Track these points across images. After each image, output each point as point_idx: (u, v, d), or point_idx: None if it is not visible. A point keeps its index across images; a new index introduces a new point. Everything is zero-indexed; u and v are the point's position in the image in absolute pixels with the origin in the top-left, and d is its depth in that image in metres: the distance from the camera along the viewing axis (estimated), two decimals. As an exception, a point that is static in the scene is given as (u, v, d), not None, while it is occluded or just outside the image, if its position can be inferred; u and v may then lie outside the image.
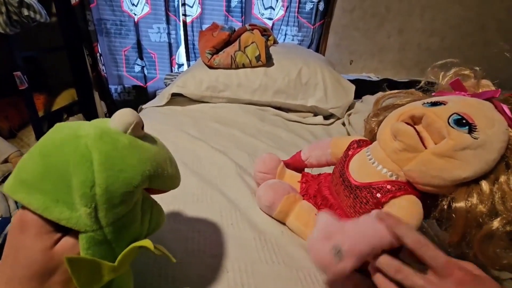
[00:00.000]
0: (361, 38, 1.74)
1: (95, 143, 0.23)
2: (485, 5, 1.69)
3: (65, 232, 0.23)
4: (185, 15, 1.56)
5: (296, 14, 1.63)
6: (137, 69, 1.70)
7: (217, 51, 1.06)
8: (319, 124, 1.02)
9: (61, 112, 1.51)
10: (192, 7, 1.56)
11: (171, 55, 1.65)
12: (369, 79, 1.60)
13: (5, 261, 0.22)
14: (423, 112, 0.35)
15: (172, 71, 1.68)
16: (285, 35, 1.68)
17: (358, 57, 1.80)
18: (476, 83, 0.39)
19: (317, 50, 1.72)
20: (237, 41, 1.04)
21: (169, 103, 1.00)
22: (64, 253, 0.22)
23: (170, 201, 0.49)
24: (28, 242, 0.22)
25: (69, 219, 0.21)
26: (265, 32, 1.28)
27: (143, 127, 0.27)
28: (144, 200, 0.28)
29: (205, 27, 1.55)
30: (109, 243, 0.24)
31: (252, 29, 1.11)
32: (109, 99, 1.70)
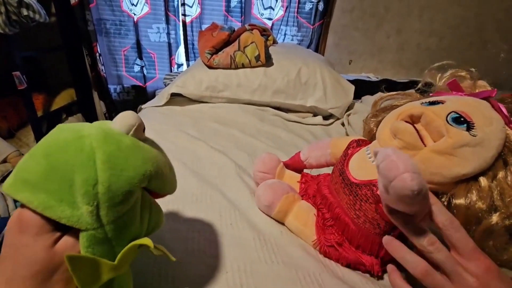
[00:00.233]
0: (360, 38, 1.75)
1: (99, 143, 0.23)
2: (484, 5, 1.70)
3: (64, 231, 0.23)
4: (184, 15, 1.56)
5: (295, 14, 1.63)
6: (137, 69, 1.70)
7: (216, 51, 1.06)
8: (319, 124, 1.02)
9: (60, 112, 1.51)
10: (191, 7, 1.56)
11: (171, 55, 1.65)
12: (368, 79, 1.60)
13: (4, 261, 0.22)
14: (422, 111, 0.35)
15: (171, 71, 1.68)
16: (285, 35, 1.68)
17: (357, 57, 1.81)
18: (472, 84, 0.40)
19: (317, 50, 1.72)
20: (237, 41, 1.04)
21: (168, 103, 1.00)
22: (64, 252, 0.22)
23: (169, 201, 0.49)
24: (28, 241, 0.22)
25: (70, 217, 0.22)
26: (265, 32, 1.28)
27: (144, 130, 0.28)
28: (143, 199, 0.28)
29: (204, 27, 1.55)
30: (109, 242, 0.24)
31: (251, 29, 1.11)
32: (108, 99, 1.70)
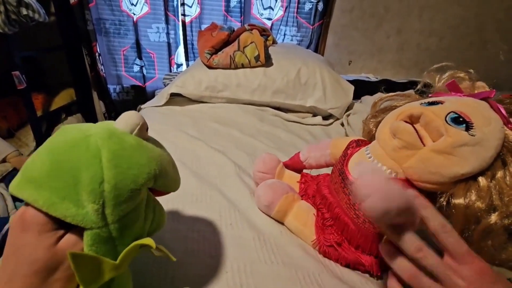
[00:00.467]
0: (360, 38, 1.75)
1: (105, 142, 0.24)
2: (484, 5, 1.70)
3: (67, 229, 0.23)
4: (184, 15, 1.56)
5: (295, 14, 1.63)
6: (136, 69, 1.69)
7: (216, 51, 1.06)
8: (318, 124, 1.02)
9: (59, 112, 1.51)
10: (191, 7, 1.56)
11: (170, 55, 1.65)
12: (368, 79, 1.60)
13: (6, 259, 0.22)
14: (421, 111, 0.35)
15: (171, 71, 1.68)
16: (284, 35, 1.68)
17: (357, 57, 1.81)
18: (471, 85, 0.40)
19: (316, 50, 1.72)
20: (236, 41, 1.04)
21: (168, 103, 1.00)
22: (67, 250, 0.22)
23: (169, 201, 0.49)
24: (31, 239, 0.22)
25: (75, 215, 0.22)
26: (264, 32, 1.28)
27: (147, 129, 0.28)
28: (148, 199, 0.28)
29: (204, 27, 1.55)
30: (113, 241, 0.24)
31: (251, 29, 1.11)
32: (107, 99, 1.70)
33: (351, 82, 1.14)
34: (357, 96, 1.11)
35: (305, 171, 0.58)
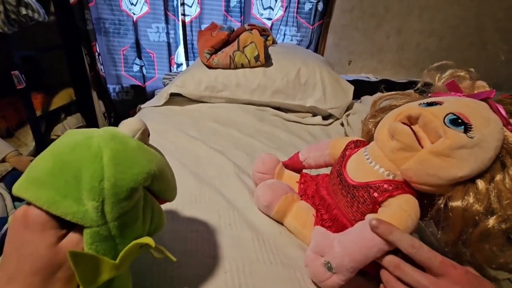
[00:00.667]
0: (360, 38, 1.75)
1: (107, 142, 0.24)
2: (484, 5, 1.70)
3: (69, 228, 0.23)
4: (184, 14, 1.56)
5: (295, 14, 1.63)
6: (136, 68, 1.69)
7: (216, 51, 1.06)
8: (318, 124, 1.02)
9: (59, 111, 1.50)
10: (191, 7, 1.56)
11: (170, 54, 1.65)
12: (367, 79, 1.60)
13: (6, 258, 0.22)
14: (420, 112, 0.35)
15: (170, 71, 1.68)
16: (284, 35, 1.68)
17: (357, 57, 1.81)
18: (471, 84, 0.39)
19: (316, 50, 1.72)
20: (236, 41, 1.04)
21: (167, 103, 1.00)
22: (69, 249, 0.22)
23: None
24: (33, 238, 0.22)
25: (75, 213, 0.22)
26: (264, 32, 1.28)
27: (149, 135, 0.29)
28: (146, 199, 0.28)
29: (204, 27, 1.55)
30: (113, 240, 0.24)
31: (251, 29, 1.11)
32: (107, 99, 1.70)
33: (351, 82, 1.14)
34: (357, 96, 1.11)
35: (304, 171, 0.58)
